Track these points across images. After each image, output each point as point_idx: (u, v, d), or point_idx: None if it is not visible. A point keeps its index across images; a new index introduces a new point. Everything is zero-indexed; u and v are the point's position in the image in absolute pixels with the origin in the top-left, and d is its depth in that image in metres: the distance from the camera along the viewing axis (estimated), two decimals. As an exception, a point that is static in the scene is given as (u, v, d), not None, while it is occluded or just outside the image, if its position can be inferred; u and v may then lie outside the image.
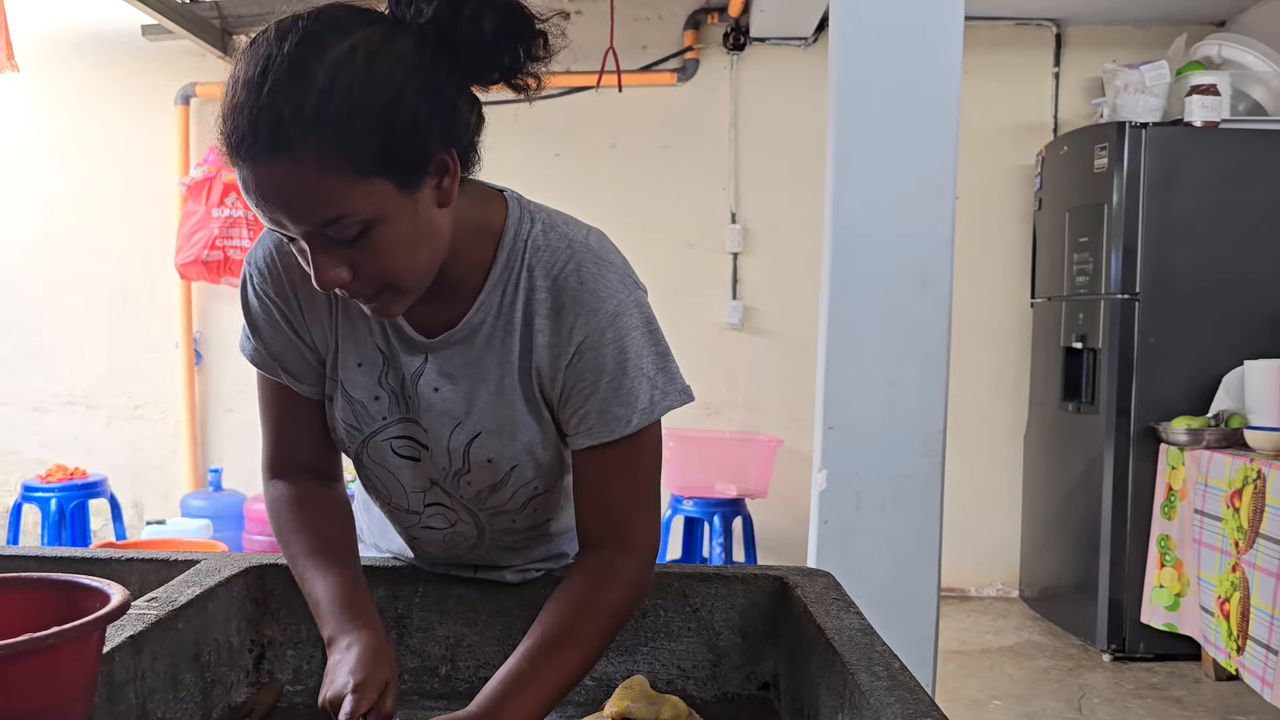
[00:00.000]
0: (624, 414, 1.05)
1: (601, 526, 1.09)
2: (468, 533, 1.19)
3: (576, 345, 1.04)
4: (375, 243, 0.91)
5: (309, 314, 1.10)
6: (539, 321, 1.05)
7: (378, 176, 0.89)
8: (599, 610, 1.04)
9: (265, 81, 0.86)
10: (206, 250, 4.46)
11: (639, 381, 1.05)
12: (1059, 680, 3.71)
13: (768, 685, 1.25)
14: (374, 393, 1.10)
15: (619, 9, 4.59)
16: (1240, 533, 3.26)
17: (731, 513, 4.13)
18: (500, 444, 1.09)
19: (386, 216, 0.90)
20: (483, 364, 1.07)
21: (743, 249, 4.72)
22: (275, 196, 0.88)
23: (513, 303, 1.05)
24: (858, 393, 2.35)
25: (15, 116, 4.81)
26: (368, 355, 1.09)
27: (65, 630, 0.74)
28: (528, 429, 1.09)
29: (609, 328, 1.04)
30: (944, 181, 2.32)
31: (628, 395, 1.05)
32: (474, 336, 1.06)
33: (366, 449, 1.13)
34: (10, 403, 4.89)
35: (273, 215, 0.90)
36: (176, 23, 4.21)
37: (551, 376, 1.06)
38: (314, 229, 0.89)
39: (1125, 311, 3.89)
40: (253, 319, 1.12)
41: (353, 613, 1.04)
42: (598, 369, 1.04)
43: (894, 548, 2.34)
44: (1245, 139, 3.89)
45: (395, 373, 1.09)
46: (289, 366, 1.12)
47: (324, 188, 0.87)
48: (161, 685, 1.04)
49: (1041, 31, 4.70)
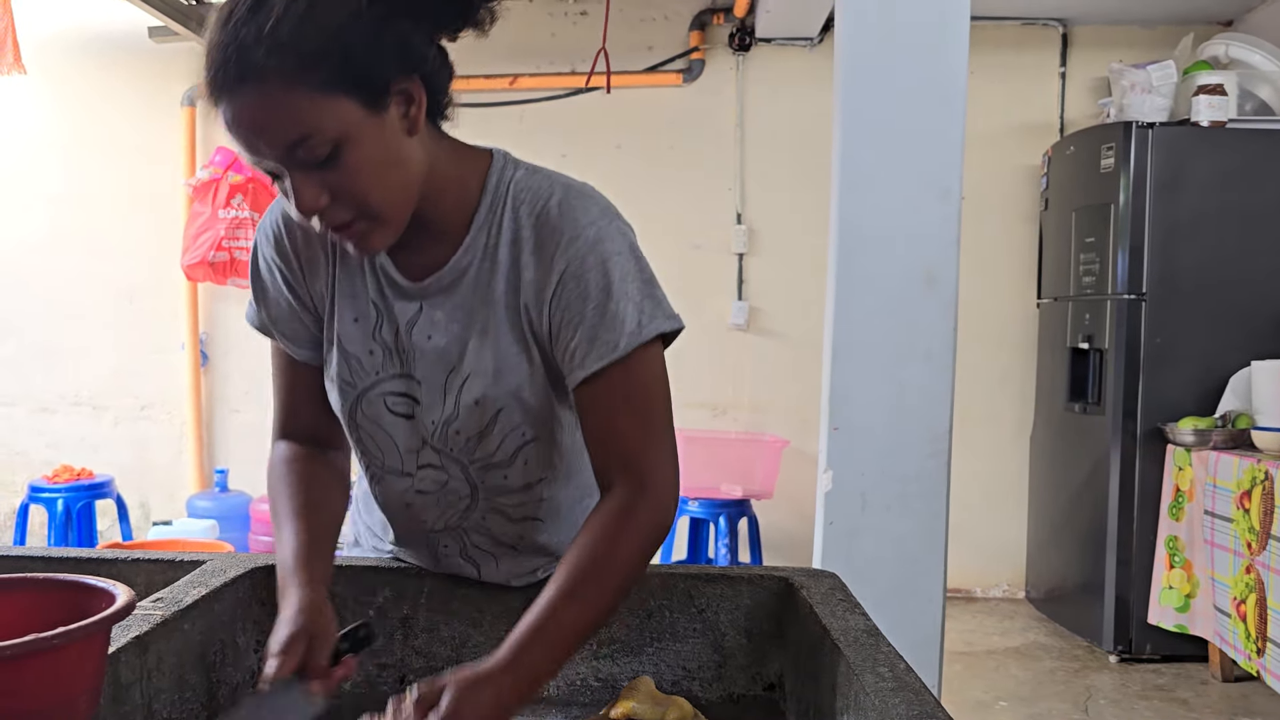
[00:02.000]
0: (611, 338, 1.04)
1: (609, 464, 1.07)
2: (461, 491, 1.17)
3: (559, 274, 1.05)
4: (347, 164, 0.96)
5: (309, 274, 1.15)
6: (524, 258, 1.07)
7: (340, 94, 0.94)
8: (615, 562, 1.01)
9: (230, 19, 0.94)
10: (213, 251, 4.47)
11: (624, 305, 1.05)
12: (1065, 681, 3.70)
13: (773, 686, 1.25)
14: (368, 346, 1.13)
15: (625, 10, 4.60)
16: (1252, 534, 3.25)
17: (737, 513, 4.13)
18: (486, 385, 1.09)
19: (354, 136, 0.96)
20: (471, 306, 1.09)
21: (748, 249, 4.72)
22: (250, 123, 0.94)
23: (497, 243, 1.08)
24: (863, 393, 2.34)
25: (22, 118, 4.83)
26: (362, 310, 1.13)
27: (71, 630, 0.74)
28: (516, 370, 1.09)
29: (590, 253, 1.05)
30: (950, 181, 2.32)
31: (613, 319, 1.04)
32: (462, 279, 1.09)
33: (360, 405, 1.15)
34: (17, 403, 4.90)
35: (251, 145, 0.95)
36: (183, 24, 4.23)
37: (538, 311, 1.07)
38: (286, 151, 0.95)
39: (1132, 312, 3.88)
40: (259, 284, 1.18)
41: (298, 573, 1.04)
42: (582, 296, 1.05)
43: (900, 548, 2.34)
44: (1252, 139, 3.88)
45: (389, 325, 1.12)
46: (285, 330, 1.17)
47: (290, 107, 0.93)
48: (167, 685, 1.04)
49: (1048, 31, 4.69)
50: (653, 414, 1.07)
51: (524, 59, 4.58)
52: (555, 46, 4.62)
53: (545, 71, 4.63)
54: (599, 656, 1.25)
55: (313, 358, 1.18)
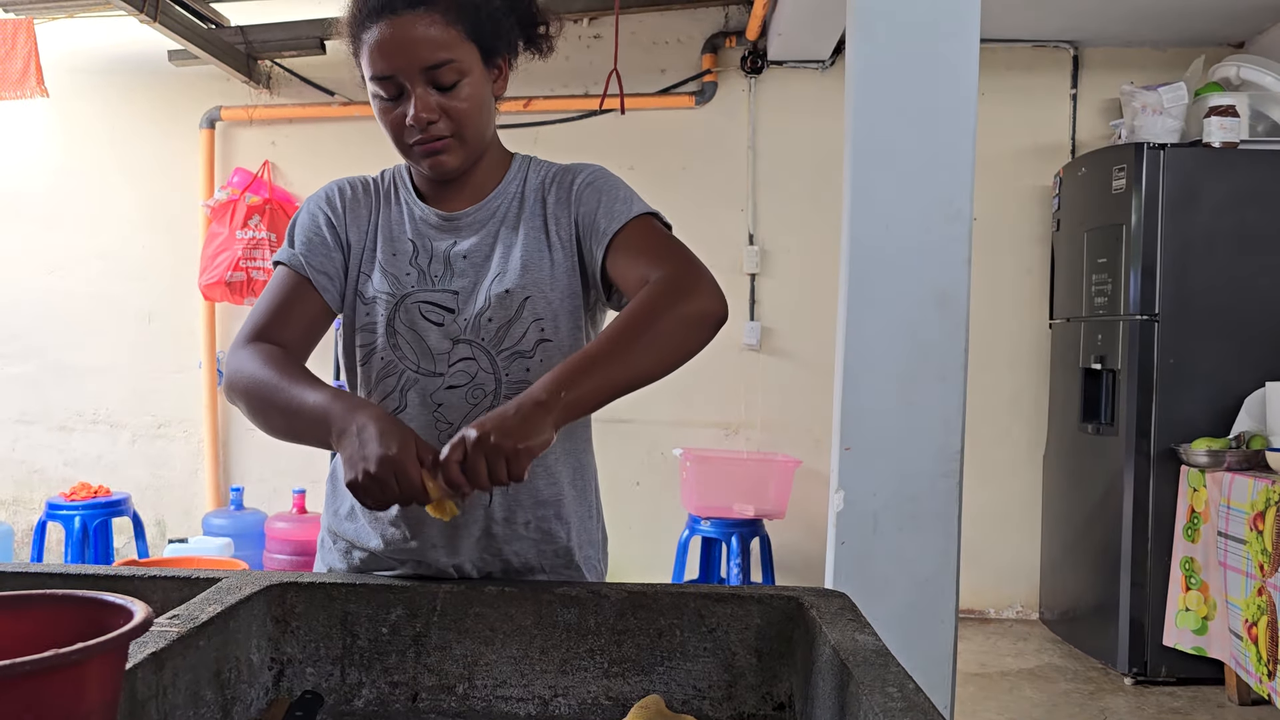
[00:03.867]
0: (621, 209, 1.30)
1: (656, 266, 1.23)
2: (487, 385, 1.30)
3: (578, 189, 1.34)
4: (461, 93, 1.25)
5: (351, 223, 1.36)
6: (547, 193, 1.35)
7: (474, 43, 1.25)
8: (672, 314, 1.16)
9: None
10: (230, 272, 4.51)
11: (623, 195, 1.33)
12: (1080, 704, 3.68)
13: (783, 706, 1.25)
14: (405, 269, 1.33)
15: (638, 33, 4.64)
16: (1265, 556, 3.23)
17: (749, 533, 4.12)
18: (514, 278, 1.30)
19: (473, 75, 1.26)
20: (499, 230, 1.34)
21: (760, 270, 4.73)
22: (409, 40, 1.21)
23: (522, 190, 1.37)
24: (875, 413, 2.35)
25: (44, 140, 4.89)
26: (400, 247, 1.34)
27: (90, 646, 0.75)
28: (538, 266, 1.31)
29: (597, 176, 1.35)
30: (961, 203, 2.33)
31: (622, 203, 1.31)
32: (491, 217, 1.35)
33: (399, 311, 1.31)
34: (36, 422, 4.94)
35: (401, 58, 1.21)
36: (202, 48, 4.28)
37: (567, 215, 1.33)
38: (426, 69, 1.22)
39: (1145, 332, 3.87)
40: (295, 229, 1.35)
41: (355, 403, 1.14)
42: (595, 195, 1.32)
43: (912, 569, 2.33)
44: (1264, 160, 3.88)
45: (425, 254, 1.33)
46: (313, 259, 1.32)
47: (446, 37, 1.23)
48: (183, 702, 1.05)
49: (1059, 53, 4.71)
50: (674, 245, 1.27)
51: (538, 81, 4.62)
52: (569, 69, 4.65)
53: (559, 94, 4.67)
54: (610, 675, 1.25)
55: (326, 287, 1.32)
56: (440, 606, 1.28)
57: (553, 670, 1.24)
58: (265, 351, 1.25)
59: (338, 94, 4.77)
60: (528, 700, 1.24)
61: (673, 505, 4.32)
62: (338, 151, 4.71)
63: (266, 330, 1.28)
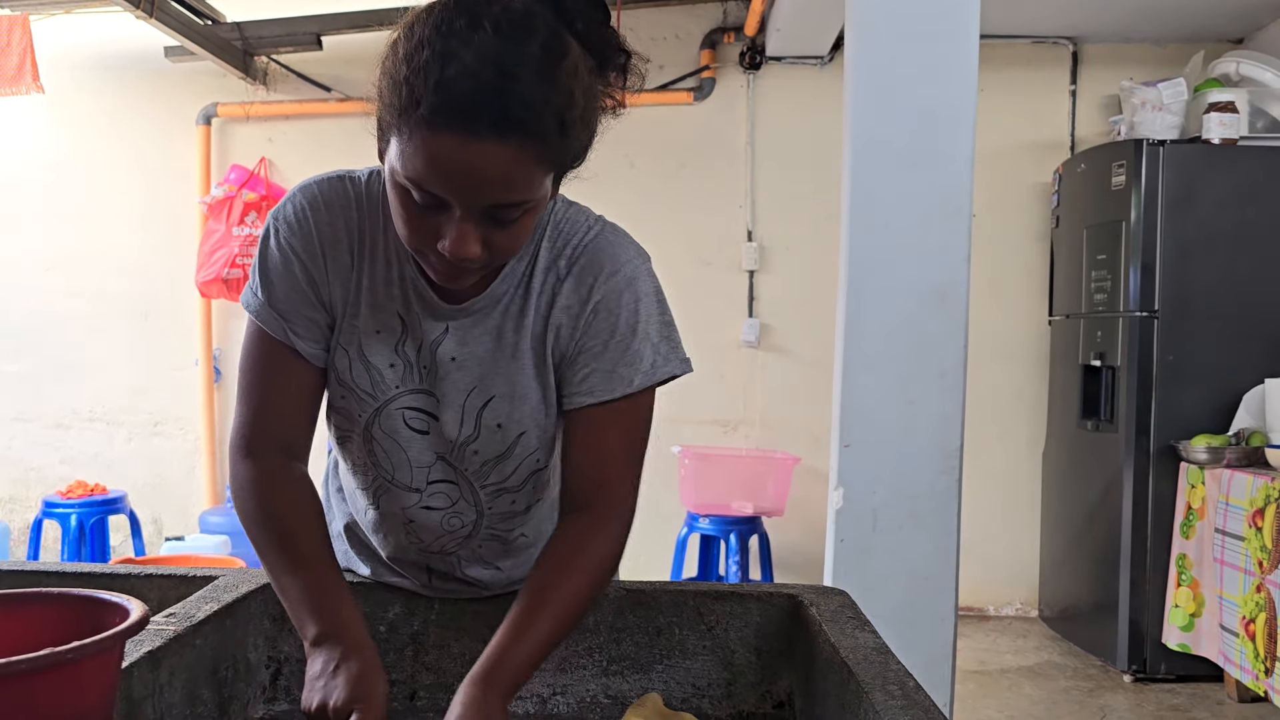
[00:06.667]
0: (628, 374, 1.10)
1: (590, 486, 1.11)
2: (466, 515, 1.18)
3: (594, 304, 1.09)
4: (520, 226, 0.97)
5: (333, 274, 1.10)
6: (559, 285, 1.10)
7: (554, 171, 0.96)
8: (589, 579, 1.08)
9: (509, 67, 0.88)
10: (227, 268, 4.50)
11: (644, 345, 1.10)
12: (1079, 701, 3.68)
13: (783, 704, 1.24)
14: (390, 360, 1.11)
15: (636, 29, 4.62)
16: (1264, 553, 3.23)
17: (748, 531, 4.12)
18: (510, 408, 1.11)
19: (540, 206, 0.98)
20: (501, 330, 1.10)
21: (759, 267, 4.73)
22: (478, 172, 0.90)
23: (533, 270, 1.10)
24: (875, 410, 2.34)
25: (39, 136, 4.87)
26: (387, 323, 1.10)
27: (85, 645, 0.74)
28: (534, 393, 1.12)
29: (626, 290, 1.10)
30: (960, 199, 2.32)
31: (634, 357, 1.10)
32: (495, 306, 1.10)
33: (379, 419, 1.13)
34: (32, 419, 4.93)
35: (458, 189, 0.91)
36: (199, 44, 4.27)
37: (569, 336, 1.10)
38: (491, 207, 0.93)
39: (1144, 329, 3.87)
40: (269, 273, 1.10)
41: (341, 617, 1.05)
42: (610, 328, 1.09)
43: (911, 566, 2.33)
44: (1263, 156, 3.88)
45: (413, 340, 1.10)
46: (296, 326, 1.10)
47: (528, 175, 0.92)
48: (179, 701, 1.05)
49: (1058, 50, 4.70)
50: (638, 447, 1.14)
51: (536, 78, 4.60)
52: (567, 65, 4.63)
53: (557, 90, 4.65)
54: (609, 673, 1.25)
55: (317, 356, 1.11)
56: (438, 605, 1.27)
57: (551, 668, 1.24)
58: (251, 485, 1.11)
59: (335, 90, 4.76)
60: (526, 698, 1.23)
61: (671, 503, 4.31)
62: (335, 147, 4.68)
63: (264, 427, 1.12)
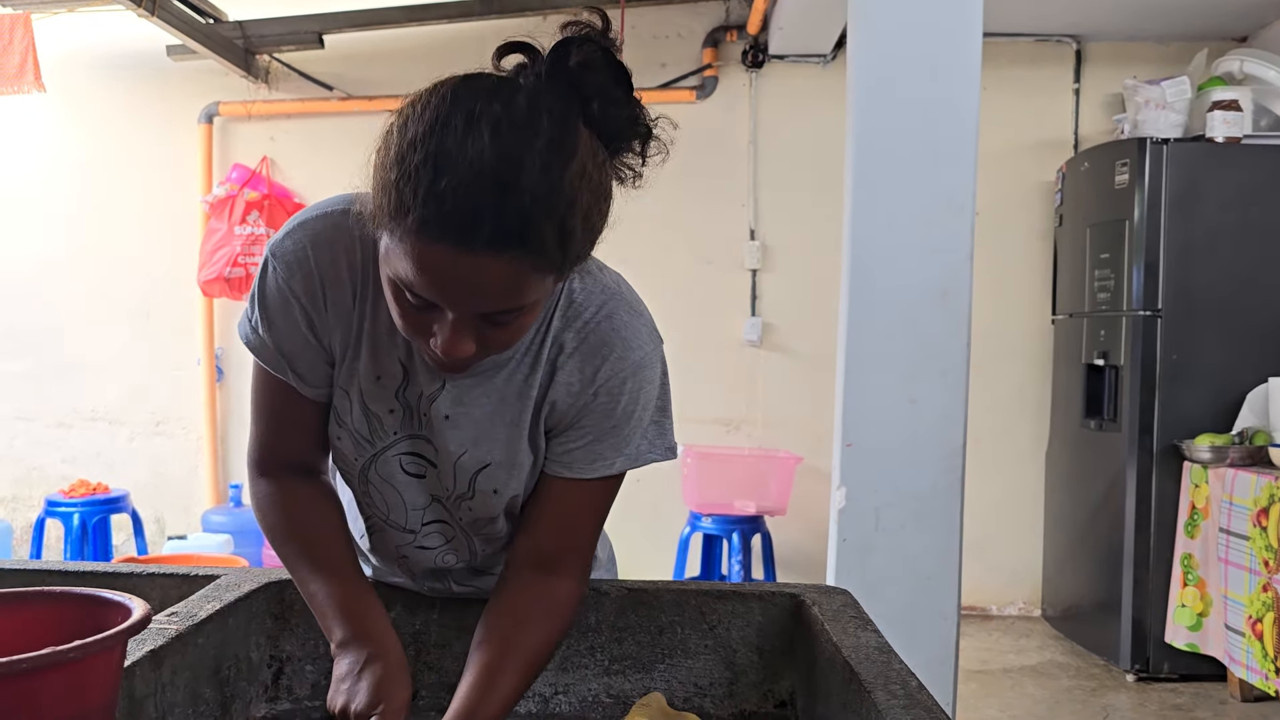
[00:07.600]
0: (611, 457, 1.09)
1: (552, 548, 1.12)
2: (461, 552, 1.20)
3: (597, 387, 1.06)
4: (517, 325, 0.92)
5: (334, 319, 1.06)
6: (564, 360, 1.06)
7: (558, 273, 0.90)
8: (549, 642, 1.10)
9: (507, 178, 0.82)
10: (229, 267, 4.50)
11: (635, 432, 1.09)
12: (1082, 701, 3.67)
13: (785, 703, 1.24)
14: (389, 405, 1.08)
15: (638, 27, 4.62)
16: (1269, 552, 3.23)
17: (750, 530, 4.11)
18: (507, 476, 1.11)
19: (540, 305, 0.93)
20: (504, 396, 1.07)
21: (762, 265, 4.72)
22: (472, 284, 0.85)
23: (542, 341, 1.06)
24: (877, 410, 2.34)
25: (41, 135, 4.87)
26: (387, 369, 1.07)
27: (88, 644, 0.74)
28: (528, 460, 1.11)
29: (631, 377, 1.06)
30: (963, 198, 2.32)
31: (622, 442, 1.09)
32: (498, 372, 1.06)
33: (375, 464, 1.12)
34: (34, 419, 4.93)
35: (452, 297, 0.87)
36: (200, 43, 4.27)
37: (565, 409, 1.08)
38: (486, 314, 0.89)
39: (1147, 328, 3.86)
40: (268, 311, 1.06)
41: (368, 621, 1.08)
42: (608, 413, 1.07)
43: (914, 566, 2.33)
44: (1267, 154, 3.87)
45: (414, 389, 1.07)
46: (298, 367, 1.08)
47: (524, 285, 0.87)
48: (181, 699, 1.05)
49: (1061, 48, 4.69)
50: (603, 517, 1.15)
51: (538, 76, 4.60)
52: (569, 64, 4.63)
53: (560, 89, 4.65)
54: (610, 672, 1.25)
55: (320, 395, 1.10)
56: (439, 604, 1.27)
57: (553, 667, 1.24)
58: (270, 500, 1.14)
59: (336, 89, 4.76)
60: (528, 698, 1.23)
61: (674, 502, 4.31)
62: (336, 146, 4.69)
63: (275, 451, 1.14)
